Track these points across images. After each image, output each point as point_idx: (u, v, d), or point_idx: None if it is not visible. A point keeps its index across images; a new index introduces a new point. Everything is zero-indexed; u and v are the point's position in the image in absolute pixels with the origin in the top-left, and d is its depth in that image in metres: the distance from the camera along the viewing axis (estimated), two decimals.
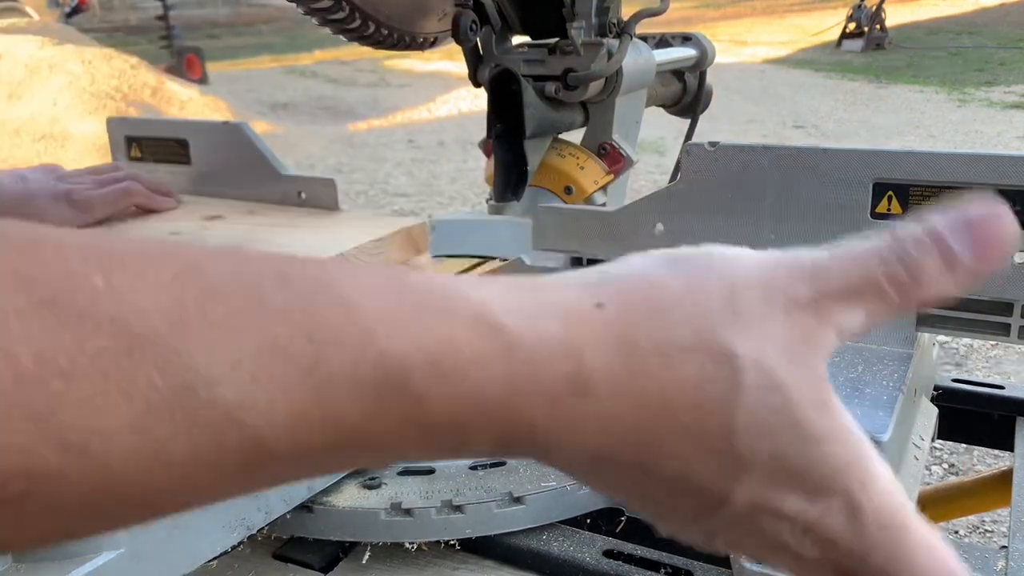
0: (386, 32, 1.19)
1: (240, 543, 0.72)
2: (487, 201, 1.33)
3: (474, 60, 1.31)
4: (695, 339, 0.30)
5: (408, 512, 0.78)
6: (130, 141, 1.32)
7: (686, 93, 1.54)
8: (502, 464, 0.86)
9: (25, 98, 6.36)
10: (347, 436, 0.26)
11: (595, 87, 1.24)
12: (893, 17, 14.05)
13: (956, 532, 2.22)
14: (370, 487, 0.82)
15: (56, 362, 0.22)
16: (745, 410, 0.29)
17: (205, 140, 1.27)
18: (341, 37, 1.21)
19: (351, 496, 0.81)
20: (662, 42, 1.49)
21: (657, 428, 0.29)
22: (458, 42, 1.25)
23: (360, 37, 1.20)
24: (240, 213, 1.11)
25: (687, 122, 1.57)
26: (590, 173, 1.29)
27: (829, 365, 0.30)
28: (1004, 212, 0.32)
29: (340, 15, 1.12)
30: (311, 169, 6.48)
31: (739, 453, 0.30)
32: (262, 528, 0.74)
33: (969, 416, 1.11)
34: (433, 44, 1.29)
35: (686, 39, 1.51)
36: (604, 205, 1.30)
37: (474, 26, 1.22)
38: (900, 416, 0.76)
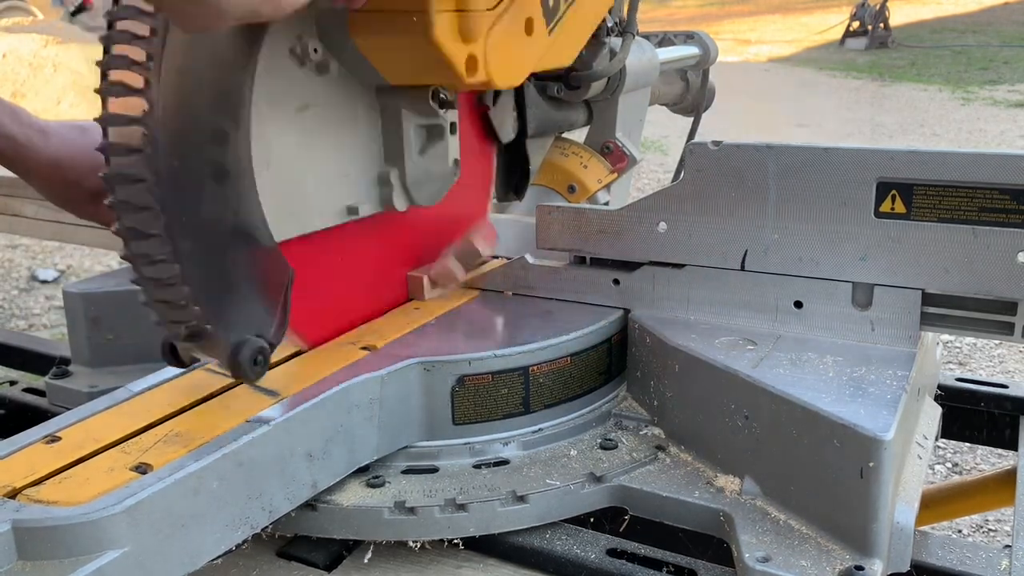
0: None
1: (244, 542, 0.72)
2: None
3: None
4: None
5: (412, 510, 0.78)
6: None
7: (689, 91, 1.54)
8: (506, 463, 0.86)
9: (29, 96, 6.37)
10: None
11: (598, 86, 1.24)
12: (897, 15, 14.02)
13: (959, 531, 2.22)
14: (374, 486, 0.82)
15: None
16: None
17: None
18: None
19: (355, 494, 0.81)
20: (665, 41, 1.49)
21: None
22: None
23: None
24: None
25: (690, 120, 1.57)
26: (593, 172, 1.28)
27: (832, 365, 0.30)
28: None
29: None
30: None
31: None
32: (266, 527, 0.74)
33: (973, 415, 1.11)
34: None
35: (689, 37, 1.51)
36: (607, 204, 1.30)
37: None
38: (903, 415, 0.76)
